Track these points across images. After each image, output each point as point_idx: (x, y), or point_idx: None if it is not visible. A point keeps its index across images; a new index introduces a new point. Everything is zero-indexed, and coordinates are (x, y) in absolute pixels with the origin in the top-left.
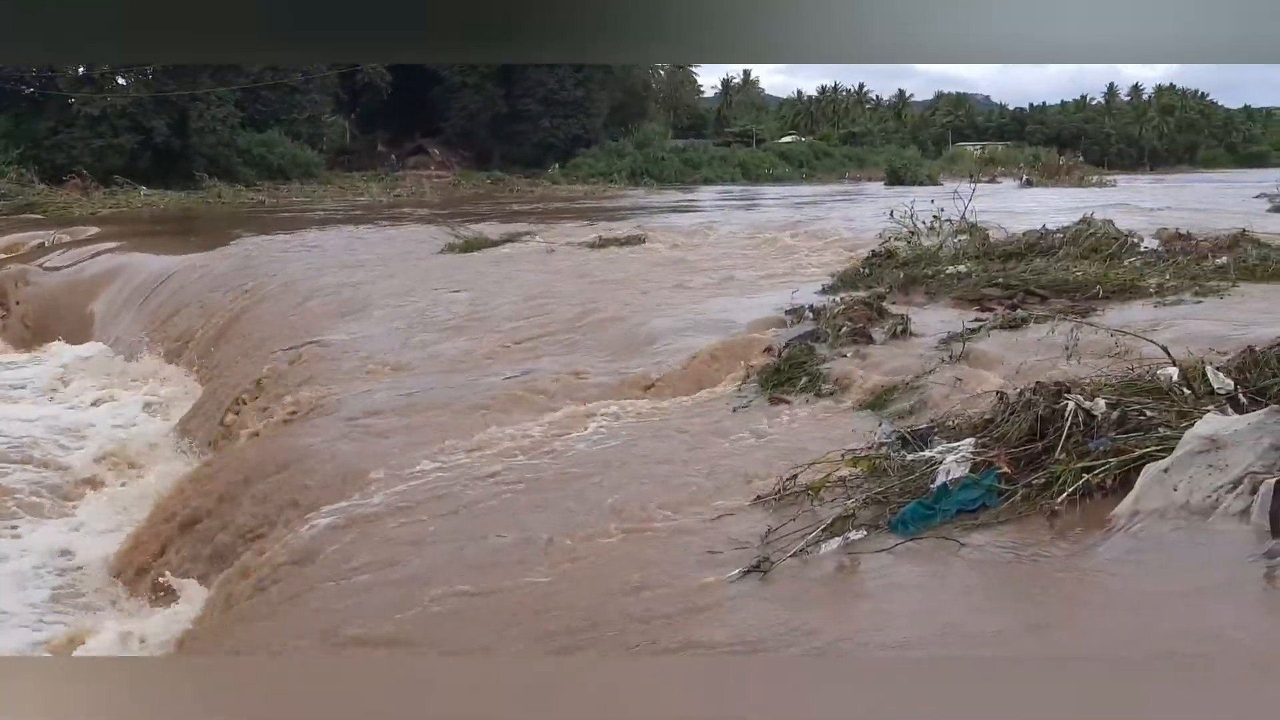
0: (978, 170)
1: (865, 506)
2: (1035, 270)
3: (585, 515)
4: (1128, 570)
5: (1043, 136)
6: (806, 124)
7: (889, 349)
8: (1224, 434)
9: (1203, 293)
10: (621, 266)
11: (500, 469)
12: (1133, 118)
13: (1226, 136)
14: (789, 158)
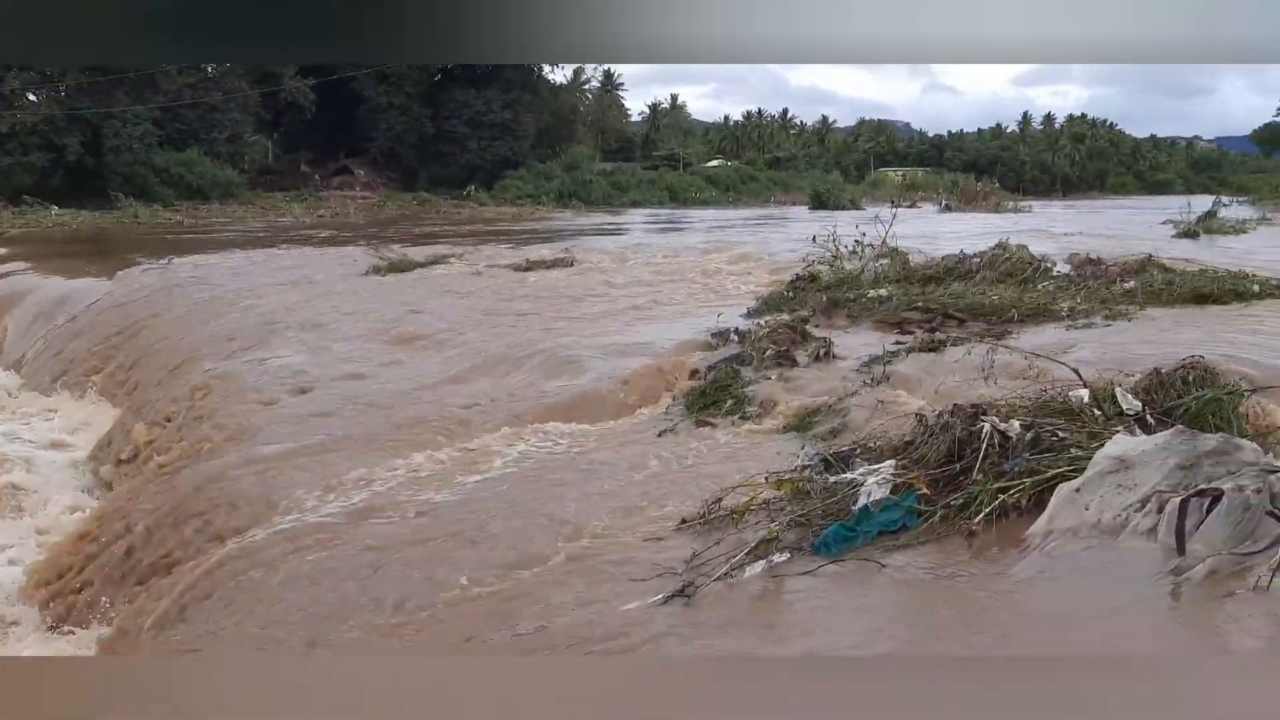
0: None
1: (789, 529)
2: (954, 294)
3: (504, 543)
4: (1042, 589)
5: (961, 163)
6: (732, 148)
7: (812, 372)
8: (1132, 454)
9: (1112, 316)
10: (548, 289)
11: (417, 498)
12: (1046, 145)
13: (1134, 164)
14: (716, 181)
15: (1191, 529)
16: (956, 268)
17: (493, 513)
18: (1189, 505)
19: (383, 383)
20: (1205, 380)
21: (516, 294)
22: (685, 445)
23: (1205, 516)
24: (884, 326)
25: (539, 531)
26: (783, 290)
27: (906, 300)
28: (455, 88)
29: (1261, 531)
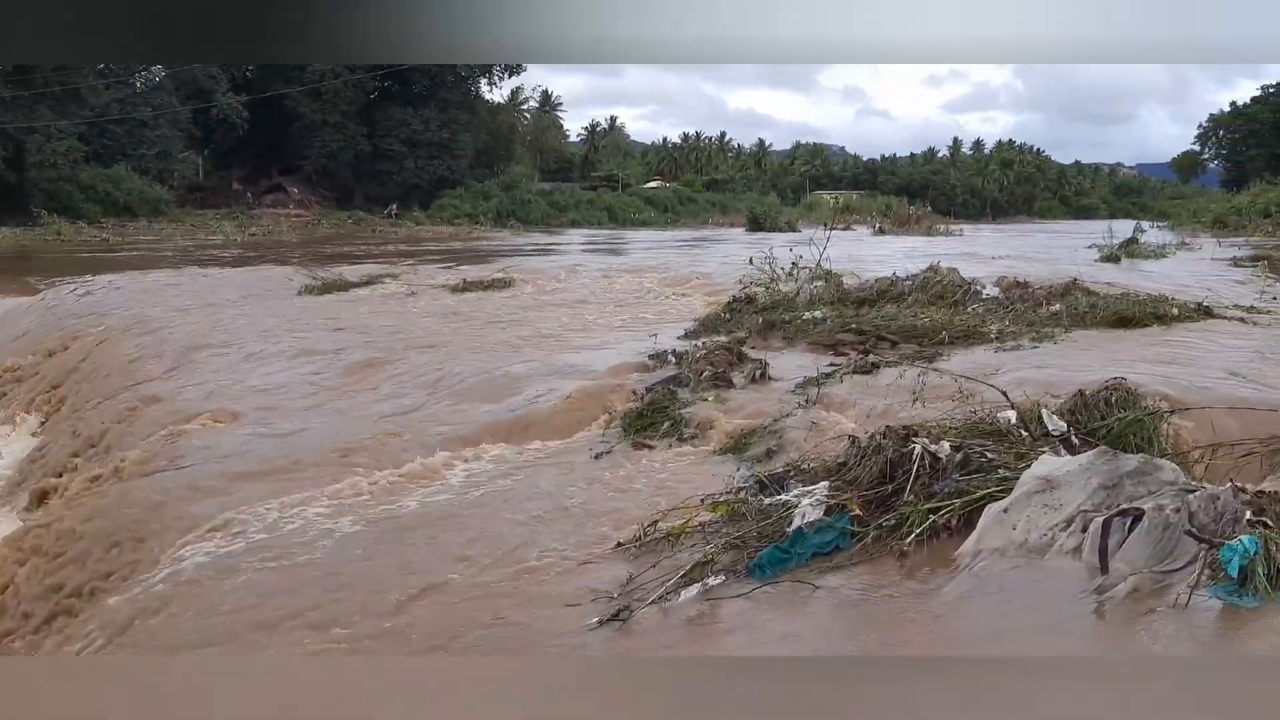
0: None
1: (724, 551)
2: (886, 316)
3: (434, 567)
4: (970, 609)
5: (894, 186)
6: (671, 170)
7: (748, 393)
8: (1057, 474)
9: (1039, 338)
10: (485, 309)
11: (351, 521)
12: (976, 170)
13: (1060, 189)
14: (654, 202)
15: (1114, 548)
16: (889, 290)
17: (420, 536)
18: (1111, 524)
19: (311, 406)
20: (1127, 402)
21: (452, 315)
22: (622, 467)
23: (1127, 535)
24: (819, 348)
25: (472, 555)
26: (720, 312)
27: (841, 322)
28: (392, 106)
29: (1180, 550)
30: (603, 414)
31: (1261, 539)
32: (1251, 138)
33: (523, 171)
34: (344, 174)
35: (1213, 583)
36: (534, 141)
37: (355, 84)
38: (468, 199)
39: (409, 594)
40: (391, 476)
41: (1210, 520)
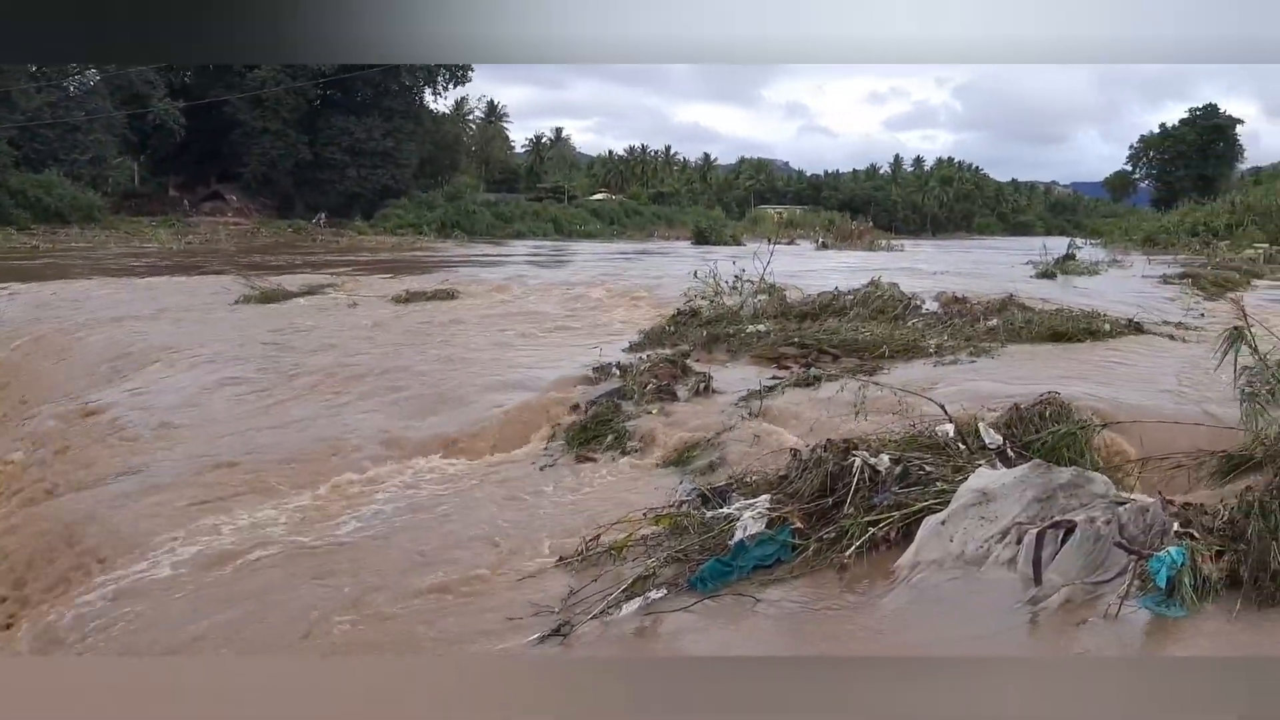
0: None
1: (666, 565)
2: (828, 330)
3: (373, 583)
4: (908, 621)
5: (837, 202)
6: (617, 182)
7: (692, 406)
8: (993, 487)
9: (976, 353)
10: (428, 321)
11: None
12: (916, 187)
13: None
14: (600, 214)
15: (1047, 559)
16: (831, 304)
17: (360, 553)
18: (1045, 536)
19: (248, 419)
20: (1060, 415)
21: (395, 326)
22: (565, 480)
23: (1060, 547)
24: (762, 361)
25: (410, 571)
26: (664, 325)
27: (783, 336)
28: (335, 114)
29: (1111, 561)
30: (546, 427)
31: (1188, 550)
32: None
33: (468, 182)
34: (284, 182)
35: (1142, 593)
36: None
37: (297, 91)
38: (412, 209)
39: (341, 613)
40: (326, 492)
41: (1140, 532)
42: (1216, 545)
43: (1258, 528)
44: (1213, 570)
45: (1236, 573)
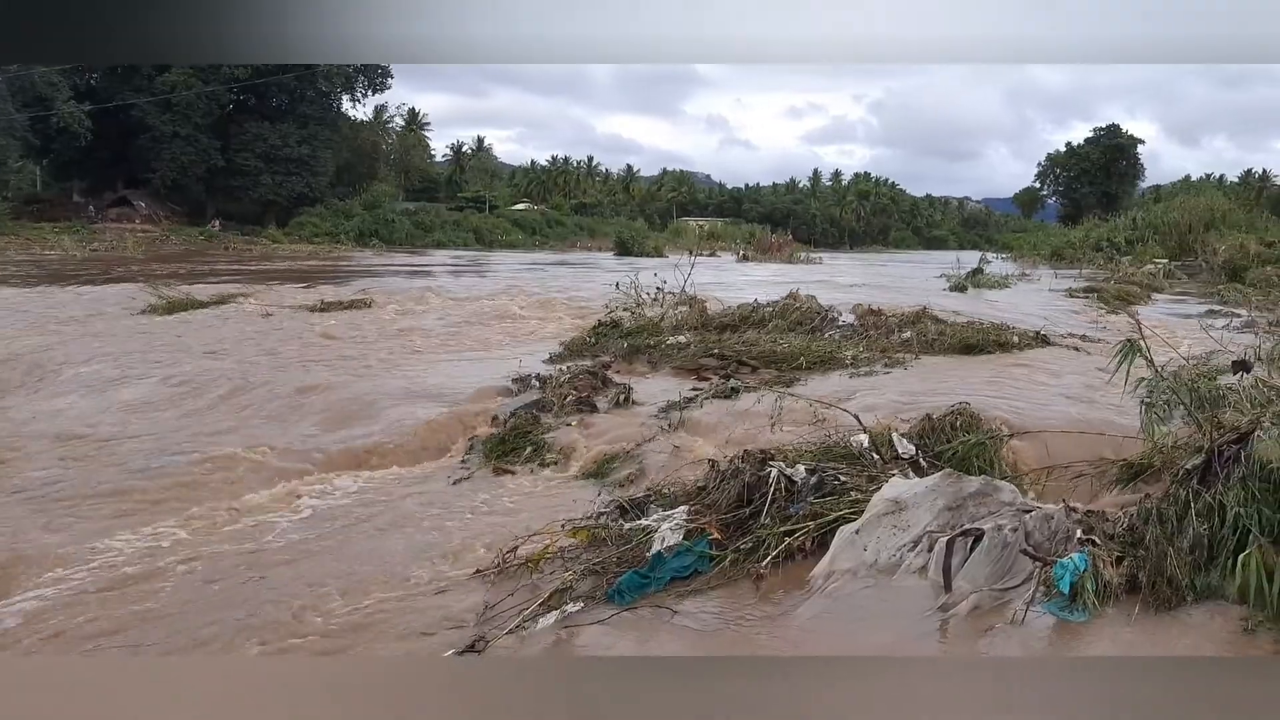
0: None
1: (583, 578)
2: (748, 342)
3: (278, 601)
4: (822, 630)
5: (758, 215)
6: (539, 193)
7: (612, 418)
8: (906, 496)
9: (891, 364)
10: (344, 331)
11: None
12: (834, 201)
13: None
14: (522, 225)
15: (957, 567)
16: (751, 316)
17: (264, 570)
18: (954, 544)
19: (148, 433)
20: (970, 425)
21: (308, 337)
22: (482, 493)
23: (969, 555)
24: (682, 372)
25: (323, 586)
26: (585, 336)
27: (704, 347)
28: (248, 120)
29: (1017, 568)
30: (463, 439)
31: (1090, 556)
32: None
33: (386, 190)
34: (196, 189)
35: (1046, 599)
36: (399, 160)
37: (209, 96)
38: (328, 217)
39: (249, 631)
40: (234, 508)
41: (1045, 539)
42: (1117, 551)
43: (1155, 534)
44: (1113, 576)
45: (1136, 578)
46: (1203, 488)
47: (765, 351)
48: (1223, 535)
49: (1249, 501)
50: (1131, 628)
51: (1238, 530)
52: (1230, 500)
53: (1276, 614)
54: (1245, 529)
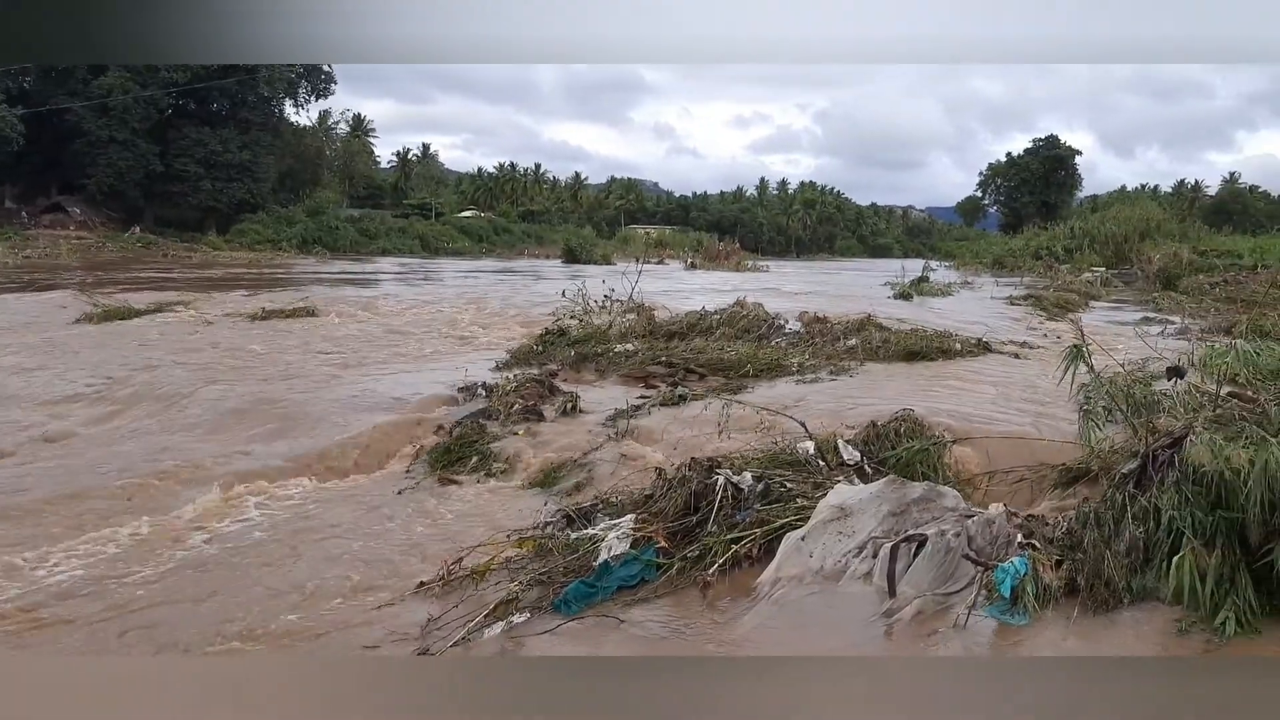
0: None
1: (530, 588)
2: (695, 349)
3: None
4: (768, 637)
5: (705, 223)
6: (487, 200)
7: (559, 426)
8: (851, 502)
9: (836, 371)
10: (286, 339)
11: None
12: (781, 209)
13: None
14: (469, 232)
15: (901, 572)
16: (699, 324)
17: (202, 583)
18: (898, 550)
19: (91, 444)
20: (914, 432)
21: (249, 345)
22: (427, 504)
23: (913, 560)
24: (630, 380)
25: (258, 601)
26: (532, 344)
27: (651, 355)
28: (187, 125)
29: (960, 572)
30: (409, 448)
31: (1030, 560)
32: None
33: (330, 197)
34: (133, 194)
35: (988, 602)
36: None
37: (147, 100)
38: (270, 224)
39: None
40: (172, 519)
41: (986, 543)
42: (1056, 555)
43: (1093, 537)
44: (1053, 579)
45: (1074, 581)
46: (1138, 491)
47: (713, 359)
48: (1158, 538)
49: (1182, 505)
50: (1070, 630)
51: (1172, 533)
52: (1165, 503)
53: (1208, 614)
54: (1179, 531)
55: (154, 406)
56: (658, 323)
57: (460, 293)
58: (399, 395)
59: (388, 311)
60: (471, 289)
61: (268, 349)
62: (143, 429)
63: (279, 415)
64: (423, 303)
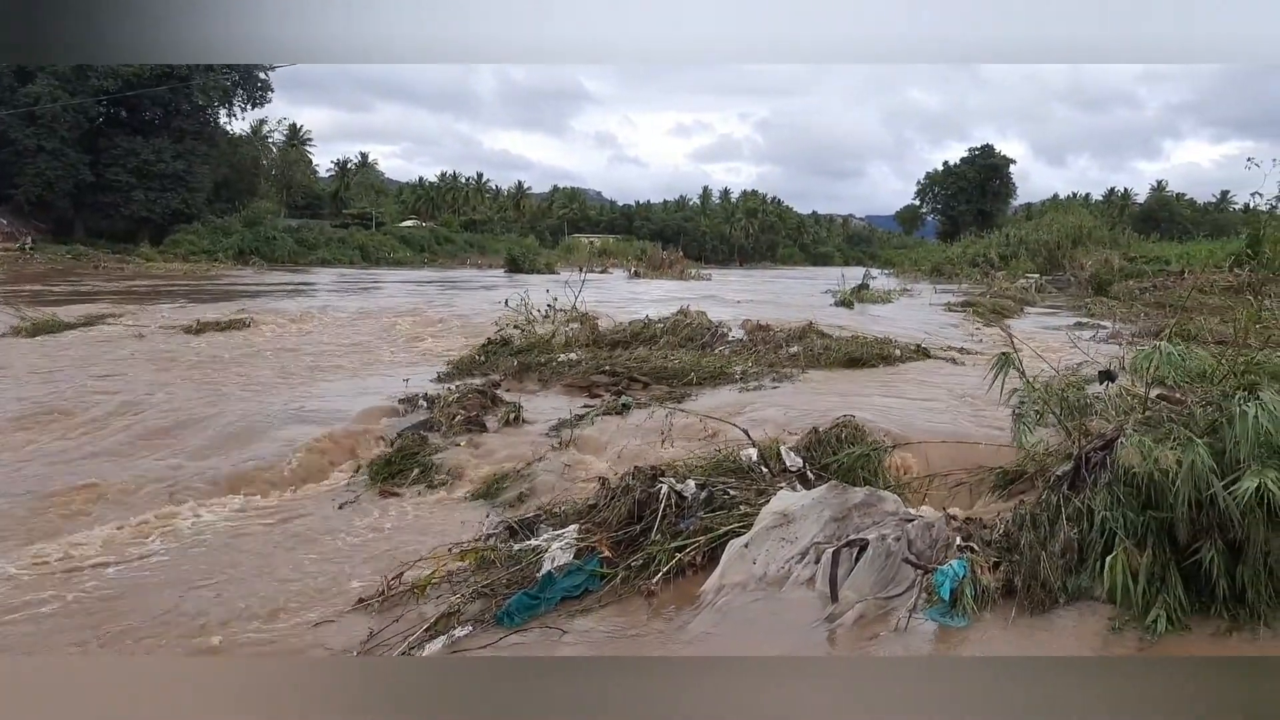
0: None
1: (472, 601)
2: (639, 358)
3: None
4: (712, 645)
5: (649, 231)
6: (428, 209)
7: (502, 437)
8: (793, 509)
9: (779, 378)
10: (222, 352)
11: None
12: (724, 218)
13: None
14: (410, 242)
15: (843, 577)
16: (642, 332)
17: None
18: (840, 555)
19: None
20: (855, 437)
21: (185, 359)
22: (368, 517)
23: (855, 565)
24: (573, 390)
25: (195, 618)
26: (475, 354)
27: (595, 364)
28: (119, 134)
29: (901, 576)
30: (349, 461)
31: (969, 563)
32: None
33: (267, 207)
34: (62, 205)
35: (928, 605)
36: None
37: (77, 109)
38: (206, 234)
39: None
40: (106, 536)
41: (926, 547)
42: (994, 557)
43: (1029, 539)
44: (991, 581)
45: (1012, 582)
46: (1072, 493)
47: (656, 367)
48: (1091, 538)
49: (1114, 505)
50: (1008, 630)
51: (1105, 533)
52: (1098, 504)
53: (1140, 612)
54: (1111, 532)
55: (75, 423)
56: (601, 332)
57: (401, 303)
58: (338, 408)
59: (327, 323)
60: (413, 299)
61: (203, 362)
62: (66, 447)
63: (211, 430)
64: (363, 314)
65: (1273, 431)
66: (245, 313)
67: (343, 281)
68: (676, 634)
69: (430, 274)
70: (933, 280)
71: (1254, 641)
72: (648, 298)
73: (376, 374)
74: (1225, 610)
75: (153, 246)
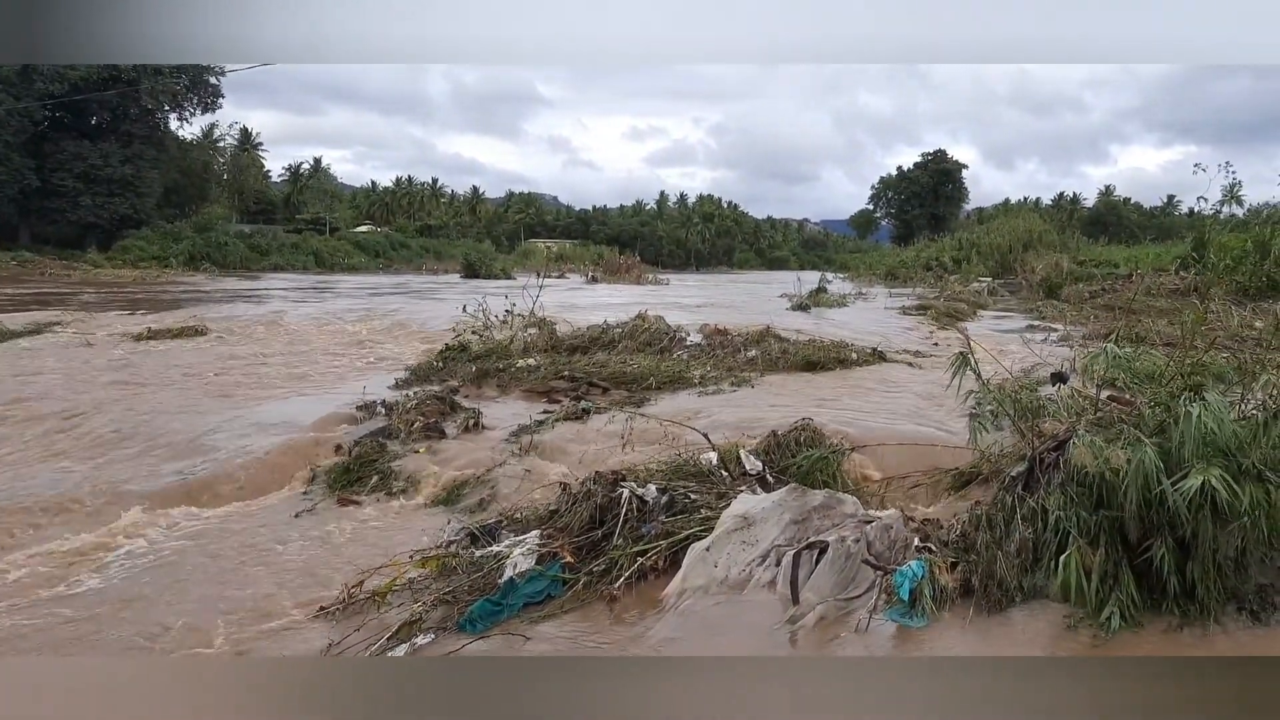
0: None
1: (434, 608)
2: (598, 363)
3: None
4: (675, 649)
5: (605, 236)
6: (383, 214)
7: (461, 443)
8: (754, 512)
9: (738, 382)
10: (173, 360)
11: None
12: (680, 223)
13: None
14: (365, 247)
15: (804, 579)
16: (601, 337)
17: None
18: (800, 558)
19: None
20: (814, 440)
21: (134, 366)
22: (326, 526)
23: (815, 567)
24: (533, 395)
25: (149, 630)
26: (433, 360)
27: (554, 369)
28: (65, 138)
29: (861, 577)
30: (306, 469)
31: (927, 563)
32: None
33: (218, 212)
34: (7, 211)
35: (888, 606)
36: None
37: (21, 112)
38: (155, 240)
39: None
40: (52, 550)
41: (885, 548)
42: (951, 557)
43: (985, 539)
44: (949, 581)
45: (969, 582)
46: (1027, 493)
47: (615, 372)
48: (1046, 538)
49: (1068, 505)
50: (966, 629)
51: (1059, 532)
52: (1051, 504)
53: (1094, 610)
54: (1065, 531)
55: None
56: (560, 337)
57: (357, 309)
58: (295, 415)
59: (281, 329)
60: (368, 305)
61: (154, 369)
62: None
63: (163, 440)
64: (318, 320)
65: (1216, 431)
66: (196, 319)
67: (297, 287)
68: (639, 638)
69: (386, 279)
70: (887, 284)
71: (1204, 637)
72: (605, 303)
73: (333, 381)
74: (1176, 606)
75: (101, 252)
